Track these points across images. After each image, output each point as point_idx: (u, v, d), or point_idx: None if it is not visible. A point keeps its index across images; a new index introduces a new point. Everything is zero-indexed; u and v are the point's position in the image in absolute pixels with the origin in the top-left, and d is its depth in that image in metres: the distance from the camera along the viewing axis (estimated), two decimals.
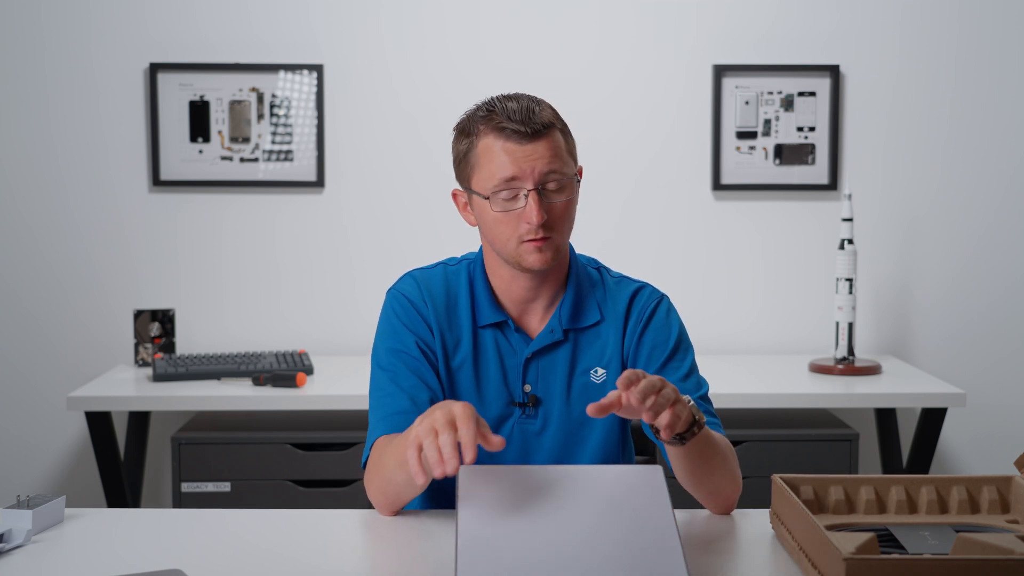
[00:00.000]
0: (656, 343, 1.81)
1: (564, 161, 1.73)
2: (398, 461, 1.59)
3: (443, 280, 1.84)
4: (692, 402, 1.58)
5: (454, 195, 1.82)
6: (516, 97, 1.75)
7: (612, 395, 1.46)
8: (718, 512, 1.74)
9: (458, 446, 1.41)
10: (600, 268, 1.89)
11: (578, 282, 1.83)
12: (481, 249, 1.84)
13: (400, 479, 1.62)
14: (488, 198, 1.72)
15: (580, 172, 1.81)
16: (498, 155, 1.71)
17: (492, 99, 1.76)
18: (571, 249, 1.85)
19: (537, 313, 1.82)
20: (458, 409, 1.44)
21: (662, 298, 1.86)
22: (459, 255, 1.89)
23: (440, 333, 1.80)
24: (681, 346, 1.83)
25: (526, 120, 1.70)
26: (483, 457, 1.64)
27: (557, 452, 1.79)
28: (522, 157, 1.70)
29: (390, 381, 1.77)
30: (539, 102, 1.75)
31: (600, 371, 1.81)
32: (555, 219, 1.72)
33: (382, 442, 1.71)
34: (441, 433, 1.41)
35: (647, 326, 1.82)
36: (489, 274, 1.82)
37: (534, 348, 1.80)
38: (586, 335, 1.82)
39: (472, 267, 1.84)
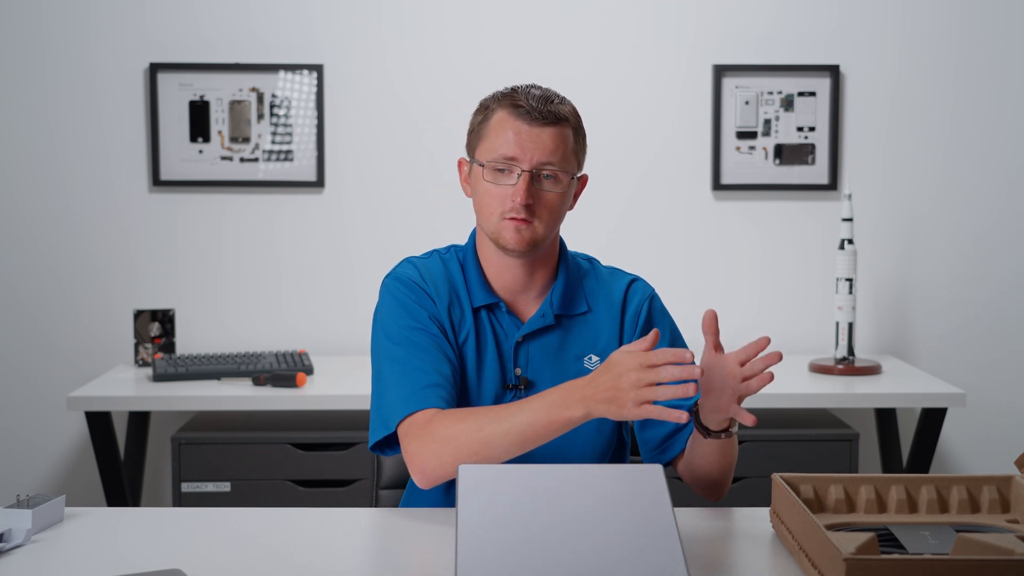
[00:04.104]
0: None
1: (566, 158, 1.77)
2: (520, 436, 1.61)
3: (440, 264, 1.86)
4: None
5: (459, 164, 1.85)
6: (544, 88, 1.81)
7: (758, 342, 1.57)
8: (711, 499, 1.78)
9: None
10: (592, 260, 1.93)
11: (569, 271, 1.86)
12: (474, 234, 1.86)
13: (512, 450, 1.63)
14: (484, 166, 1.76)
15: (584, 181, 1.85)
16: (506, 131, 1.75)
17: (520, 84, 1.81)
18: (563, 243, 1.89)
19: (529, 301, 1.85)
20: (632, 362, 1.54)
21: (654, 292, 1.91)
22: (444, 246, 1.91)
23: (447, 309, 1.82)
24: (679, 340, 1.89)
25: (542, 106, 1.75)
26: None
27: None
28: (527, 139, 1.74)
29: (412, 356, 1.74)
30: (564, 100, 1.80)
31: (595, 358, 1.83)
32: (541, 206, 1.75)
33: (430, 414, 1.68)
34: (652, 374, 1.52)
35: (648, 319, 1.86)
36: (481, 260, 1.85)
37: (525, 331, 1.82)
38: (576, 322, 1.84)
39: (462, 254, 1.87)
